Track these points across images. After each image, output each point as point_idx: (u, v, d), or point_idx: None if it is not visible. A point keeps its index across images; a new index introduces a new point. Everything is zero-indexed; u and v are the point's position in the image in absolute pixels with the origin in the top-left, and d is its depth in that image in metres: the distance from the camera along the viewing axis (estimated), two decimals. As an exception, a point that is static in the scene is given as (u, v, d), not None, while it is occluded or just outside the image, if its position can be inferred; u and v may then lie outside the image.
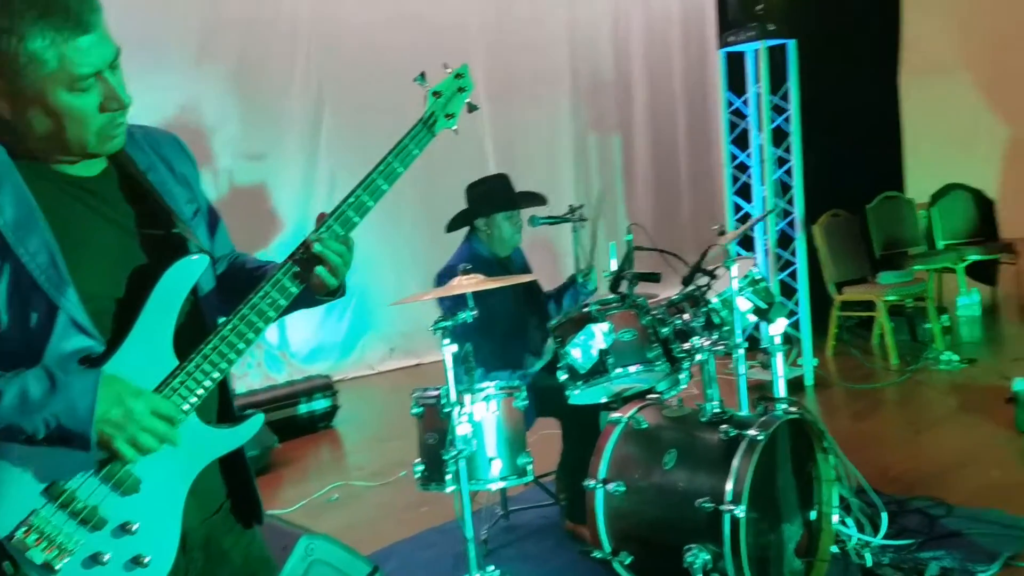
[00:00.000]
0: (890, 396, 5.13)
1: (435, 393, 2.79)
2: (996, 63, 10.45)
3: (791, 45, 5.42)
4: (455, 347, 2.59)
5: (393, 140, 1.52)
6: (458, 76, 1.60)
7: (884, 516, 3.08)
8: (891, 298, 5.88)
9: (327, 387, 5.82)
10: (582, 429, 3.30)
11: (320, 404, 5.72)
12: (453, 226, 3.55)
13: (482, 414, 2.74)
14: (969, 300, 6.84)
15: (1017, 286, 7.03)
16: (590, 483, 2.78)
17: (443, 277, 3.27)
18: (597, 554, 2.75)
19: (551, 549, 3.38)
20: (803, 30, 5.49)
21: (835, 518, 2.80)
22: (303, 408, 5.63)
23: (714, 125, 8.95)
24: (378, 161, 1.52)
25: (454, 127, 1.57)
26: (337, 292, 1.49)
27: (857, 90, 6.83)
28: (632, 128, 9.40)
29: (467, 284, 2.76)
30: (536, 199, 3.63)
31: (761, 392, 4.92)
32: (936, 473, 3.78)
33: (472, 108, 1.59)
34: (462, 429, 2.62)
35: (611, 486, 2.72)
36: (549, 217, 3.74)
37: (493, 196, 3.47)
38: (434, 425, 2.77)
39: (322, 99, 7.07)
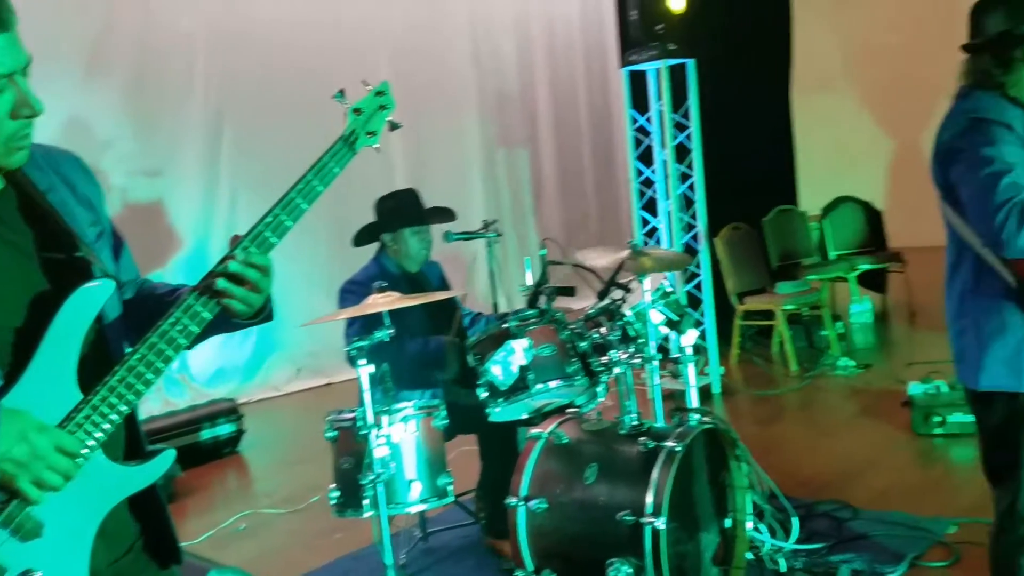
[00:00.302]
0: (792, 402, 5.30)
1: (350, 416, 2.71)
2: (879, 79, 11.06)
3: (691, 64, 5.57)
4: (371, 367, 2.53)
5: (296, 154, 1.48)
6: (379, 94, 1.56)
7: (795, 521, 3.16)
8: (789, 307, 6.09)
9: (231, 411, 5.61)
10: (501, 445, 3.27)
11: (224, 429, 5.50)
12: (360, 240, 3.48)
13: (400, 435, 2.68)
14: (861, 307, 7.15)
15: (906, 293, 7.39)
16: (512, 501, 2.74)
17: (347, 294, 3.19)
18: (520, 573, 2.72)
19: (472, 569, 3.33)
20: (702, 50, 5.65)
21: (749, 525, 2.86)
22: (206, 434, 5.41)
23: (619, 141, 9.15)
24: (296, 179, 1.46)
25: (376, 144, 1.53)
26: (261, 315, 1.42)
27: (753, 107, 7.09)
28: (539, 143, 9.49)
29: (383, 302, 2.70)
30: (445, 214, 3.60)
31: (674, 401, 5.02)
32: (840, 476, 3.91)
33: (395, 126, 1.56)
34: (380, 452, 2.55)
35: (533, 503, 2.70)
36: (464, 233, 3.72)
37: (401, 211, 3.43)
38: (350, 449, 2.69)
39: (221, 112, 6.85)
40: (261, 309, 1.41)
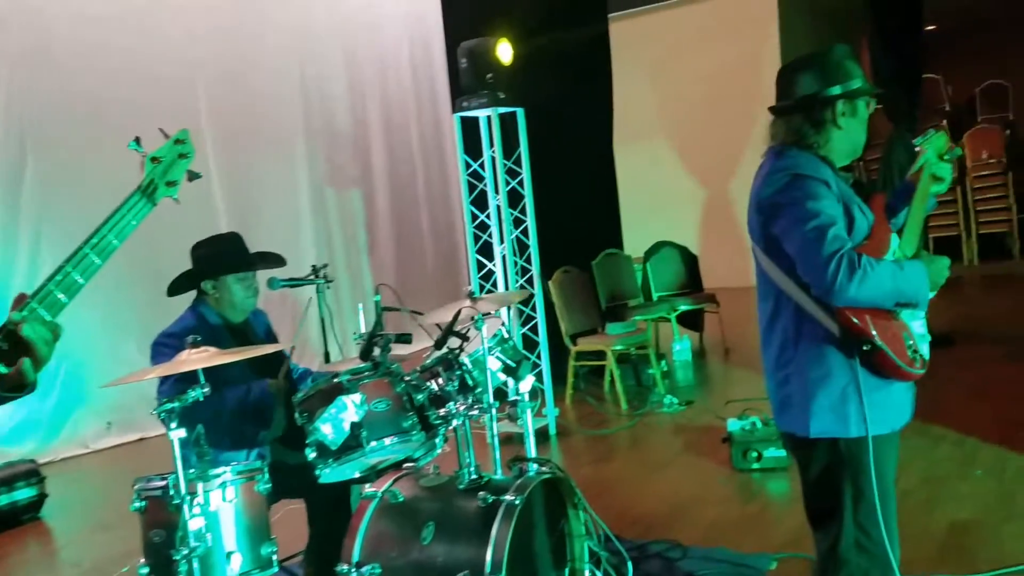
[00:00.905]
0: (624, 440, 5.41)
1: (161, 484, 2.44)
2: (690, 131, 11.79)
3: (520, 113, 5.66)
4: (182, 431, 2.29)
5: (111, 191, 1.32)
6: (178, 142, 1.46)
7: (629, 565, 3.17)
8: (618, 347, 6.25)
9: (32, 472, 5.04)
10: (331, 507, 3.08)
11: (24, 493, 4.95)
12: (176, 289, 3.19)
13: (218, 504, 2.43)
14: (682, 346, 7.47)
15: (720, 331, 7.80)
16: (343, 568, 2.60)
17: (161, 347, 2.91)
18: (354, 643, 2.55)
19: (302, 639, 3.10)
20: (530, 99, 5.76)
21: (587, 574, 2.84)
22: (3, 499, 4.83)
23: (454, 184, 9.16)
24: (90, 233, 1.29)
25: (175, 196, 1.44)
26: (26, 388, 1.23)
27: (580, 156, 7.29)
28: (373, 183, 9.34)
29: (197, 358, 2.46)
30: (272, 259, 3.40)
31: (513, 446, 4.99)
32: (669, 513, 3.99)
33: (194, 176, 1.48)
34: (195, 523, 2.31)
35: (366, 569, 2.56)
36: (291, 279, 3.51)
37: (222, 256, 3.18)
38: (161, 520, 2.42)
39: (24, 146, 6.24)
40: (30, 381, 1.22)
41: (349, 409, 2.59)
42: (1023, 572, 3.04)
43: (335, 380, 2.65)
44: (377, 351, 2.73)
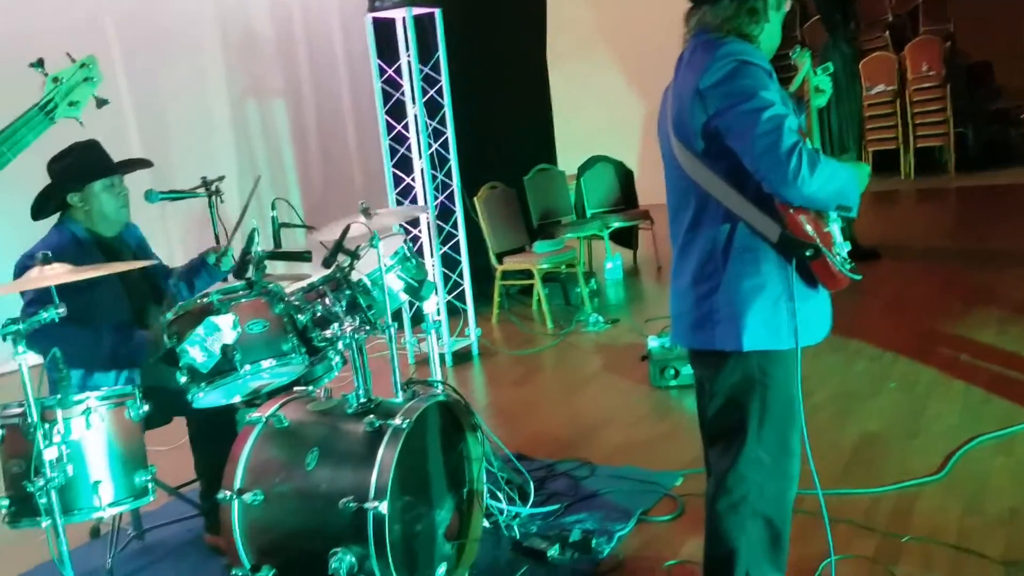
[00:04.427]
0: (547, 360, 5.39)
1: (18, 410, 2.31)
2: (632, 45, 11.54)
3: (438, 14, 5.40)
4: (29, 355, 2.14)
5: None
6: (83, 66, 1.50)
7: (531, 485, 3.14)
8: (545, 266, 6.17)
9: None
10: (216, 431, 2.97)
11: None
12: (40, 211, 2.98)
13: (81, 432, 2.31)
14: (614, 264, 7.43)
15: (653, 249, 7.77)
16: (225, 495, 2.50)
17: (24, 270, 2.73)
18: (237, 571, 2.48)
19: (192, 568, 3.02)
20: (450, 2, 5.48)
21: (485, 494, 2.80)
22: None
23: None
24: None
25: (78, 116, 1.54)
26: None
27: (509, 66, 7.06)
28: (299, 94, 8.95)
29: (53, 275, 2.28)
30: (138, 163, 3.19)
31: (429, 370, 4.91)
32: (584, 433, 3.98)
33: (102, 102, 1.55)
34: (49, 453, 2.18)
35: (248, 496, 2.47)
36: (171, 192, 3.32)
37: (84, 165, 2.97)
38: (19, 450, 2.30)
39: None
40: None
41: (220, 331, 2.46)
42: (927, 484, 3.08)
43: (204, 300, 2.50)
44: (252, 270, 2.57)
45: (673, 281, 2.18)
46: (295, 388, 2.80)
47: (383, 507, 2.29)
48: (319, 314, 2.76)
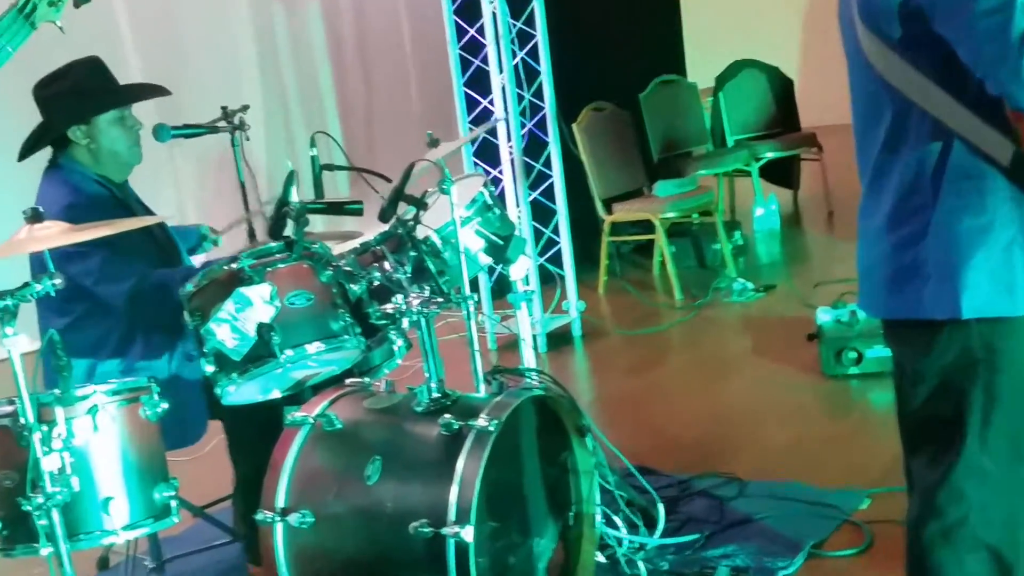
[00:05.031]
0: (674, 341, 5.40)
1: (10, 409, 2.47)
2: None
3: None
4: (21, 338, 2.29)
5: None
6: None
7: (660, 508, 3.19)
8: (671, 215, 6.16)
9: None
10: (257, 434, 3.11)
11: None
12: (31, 150, 3.16)
13: (86, 435, 2.46)
14: (766, 209, 7.36)
15: (822, 187, 7.65)
16: (265, 516, 2.64)
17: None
18: (281, 612, 2.63)
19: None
20: None
21: (598, 518, 2.86)
22: None
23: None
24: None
25: (56, 19, 1.62)
26: None
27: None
28: (336, -3, 9.13)
29: (54, 233, 2.44)
30: (153, 90, 3.34)
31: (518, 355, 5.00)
32: (729, 439, 4.01)
33: (81, 1, 1.60)
34: (50, 463, 2.33)
35: (294, 517, 2.60)
36: (186, 127, 3.47)
37: (88, 90, 3.10)
38: (12, 460, 2.45)
39: None
40: None
41: (254, 305, 2.57)
42: None
43: (232, 266, 2.62)
44: (291, 226, 2.67)
45: (860, 224, 2.17)
46: (348, 380, 2.92)
47: (466, 533, 2.37)
48: (376, 283, 2.84)
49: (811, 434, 3.94)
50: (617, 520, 3.07)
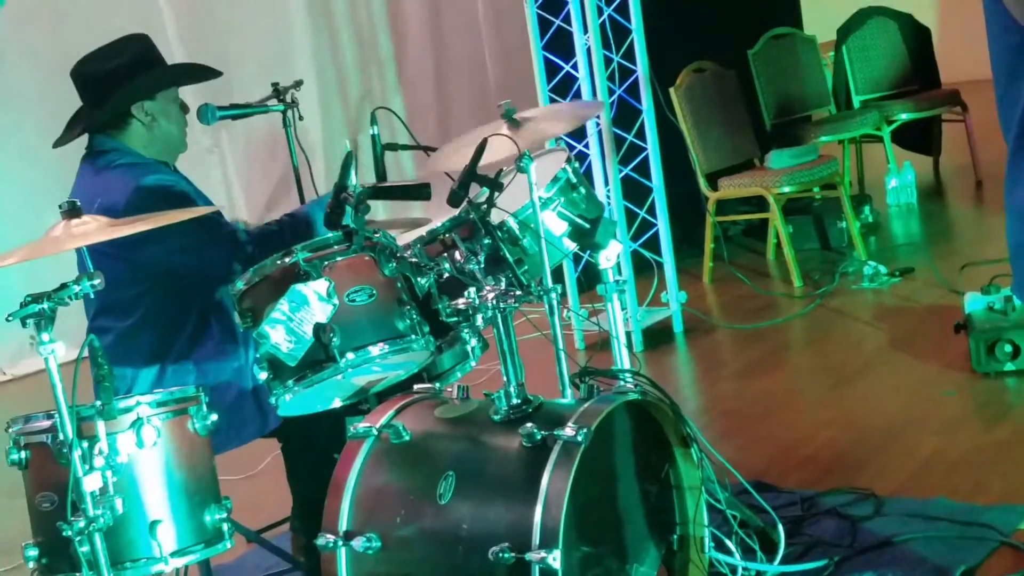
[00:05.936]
0: (795, 336, 5.39)
1: (47, 423, 2.57)
2: None
3: None
4: (58, 345, 2.36)
5: None
6: None
7: (780, 530, 3.17)
8: (788, 189, 6.12)
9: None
10: (316, 450, 3.18)
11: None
12: (81, 131, 3.27)
13: (132, 451, 2.54)
14: (901, 181, 7.25)
15: (967, 153, 7.52)
16: (327, 541, 2.69)
17: None
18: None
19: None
20: None
21: (707, 542, 2.85)
22: None
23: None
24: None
25: None
26: None
27: None
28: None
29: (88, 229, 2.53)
30: (205, 72, 3.47)
31: (608, 355, 5.00)
32: (862, 448, 3.98)
33: None
34: (91, 482, 2.40)
35: (358, 542, 2.65)
36: (233, 107, 3.56)
37: (151, 64, 3.25)
38: (51, 479, 2.55)
39: None
40: None
41: (310, 303, 2.61)
42: None
43: (286, 261, 2.67)
44: (350, 213, 2.71)
45: (1008, 196, 2.15)
46: (416, 386, 2.95)
47: (553, 559, 2.38)
48: (447, 275, 2.87)
49: (960, 442, 3.90)
50: (730, 544, 3.05)
